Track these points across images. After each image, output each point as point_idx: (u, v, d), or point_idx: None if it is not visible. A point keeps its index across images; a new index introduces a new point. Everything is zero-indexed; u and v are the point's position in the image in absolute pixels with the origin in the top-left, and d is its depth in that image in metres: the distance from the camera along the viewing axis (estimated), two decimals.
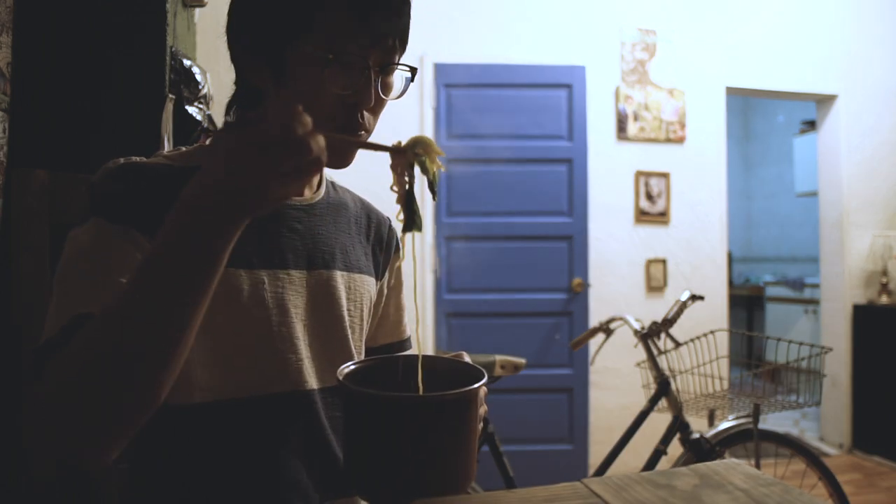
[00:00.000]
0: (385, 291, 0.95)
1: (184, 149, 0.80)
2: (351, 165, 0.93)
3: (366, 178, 1.56)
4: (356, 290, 0.85)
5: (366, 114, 0.74)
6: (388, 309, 0.96)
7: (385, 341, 0.95)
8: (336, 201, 0.88)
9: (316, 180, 0.87)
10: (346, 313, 0.83)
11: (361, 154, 0.92)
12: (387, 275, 0.95)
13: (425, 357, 0.74)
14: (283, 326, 0.76)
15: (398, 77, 0.77)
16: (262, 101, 0.77)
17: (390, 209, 0.82)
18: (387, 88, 0.76)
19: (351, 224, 0.89)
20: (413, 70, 0.77)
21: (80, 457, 0.57)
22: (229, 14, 0.76)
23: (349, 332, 0.83)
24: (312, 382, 0.78)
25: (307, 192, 0.84)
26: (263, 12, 0.72)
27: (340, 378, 0.63)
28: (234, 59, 0.77)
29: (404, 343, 0.97)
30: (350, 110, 0.73)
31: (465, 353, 0.77)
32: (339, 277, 0.83)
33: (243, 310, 0.73)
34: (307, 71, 0.71)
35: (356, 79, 0.71)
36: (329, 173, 0.91)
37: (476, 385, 0.60)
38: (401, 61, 0.76)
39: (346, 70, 0.71)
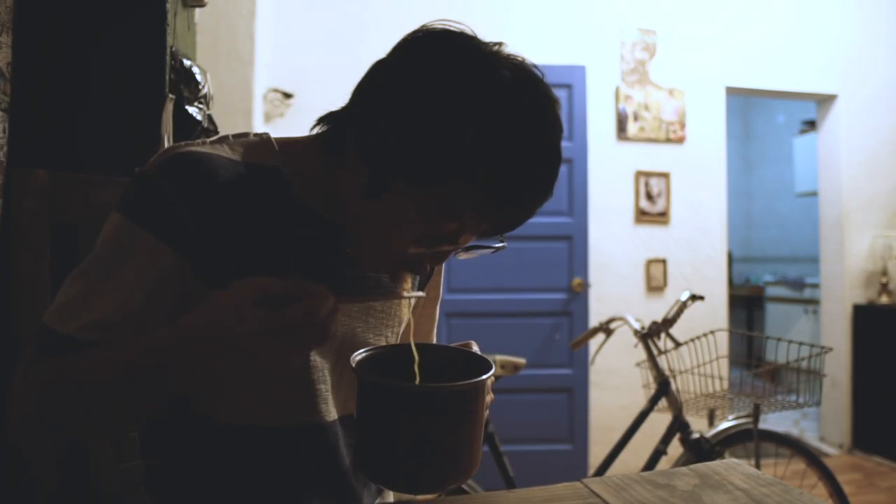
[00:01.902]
0: (422, 301, 0.91)
1: (252, 137, 0.73)
2: None
3: None
4: (395, 314, 0.82)
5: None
6: (419, 319, 0.92)
7: None
8: None
9: None
10: (378, 339, 0.80)
11: None
12: (428, 284, 0.91)
13: (434, 346, 0.75)
14: (319, 355, 0.74)
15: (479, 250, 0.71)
16: (346, 164, 0.67)
17: None
18: (460, 252, 0.69)
19: None
20: (497, 249, 0.70)
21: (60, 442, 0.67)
22: (384, 91, 0.63)
23: None
24: (335, 412, 0.76)
25: None
26: (419, 137, 0.60)
27: (353, 364, 0.64)
28: (354, 112, 0.66)
29: None
30: (414, 260, 0.67)
31: (473, 343, 0.76)
32: (380, 305, 0.79)
33: None
34: (399, 207, 0.62)
35: (438, 244, 0.65)
36: None
37: (484, 377, 0.62)
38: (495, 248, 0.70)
39: (435, 231, 0.63)
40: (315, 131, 0.72)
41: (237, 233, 0.66)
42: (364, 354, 0.67)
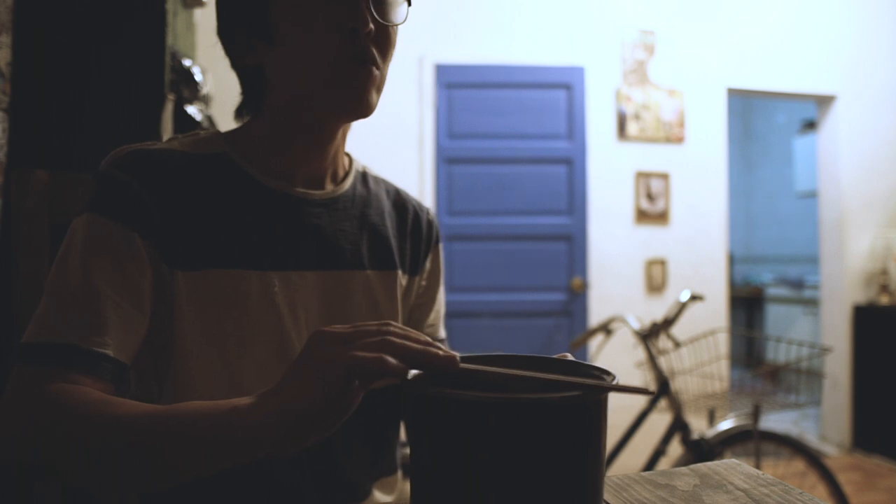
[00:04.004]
0: (421, 287, 0.88)
1: (201, 133, 0.76)
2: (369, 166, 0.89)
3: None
4: (382, 288, 0.80)
5: (371, 46, 0.68)
6: (423, 307, 0.89)
7: None
8: (364, 193, 0.82)
9: (340, 172, 0.81)
10: (363, 317, 0.77)
11: (364, 162, 0.91)
12: (427, 267, 0.88)
13: (517, 357, 0.51)
14: (296, 332, 0.72)
15: (396, 5, 0.71)
16: (265, 86, 0.73)
17: None
18: (384, 13, 0.69)
19: (384, 217, 0.83)
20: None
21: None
22: (216, 8, 0.74)
23: None
24: None
25: (329, 185, 0.79)
26: None
27: (407, 378, 0.47)
28: (227, 49, 0.74)
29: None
30: (350, 40, 0.67)
31: (568, 354, 0.56)
32: (360, 277, 0.77)
33: (253, 315, 0.69)
34: (291, 14, 0.67)
35: (343, 3, 0.67)
36: (359, 161, 0.86)
37: (609, 384, 0.43)
38: None
39: (346, 14, 0.66)
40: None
41: (195, 216, 0.68)
42: (415, 373, 0.48)
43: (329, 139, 0.75)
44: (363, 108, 0.70)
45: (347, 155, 0.83)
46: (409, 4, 0.72)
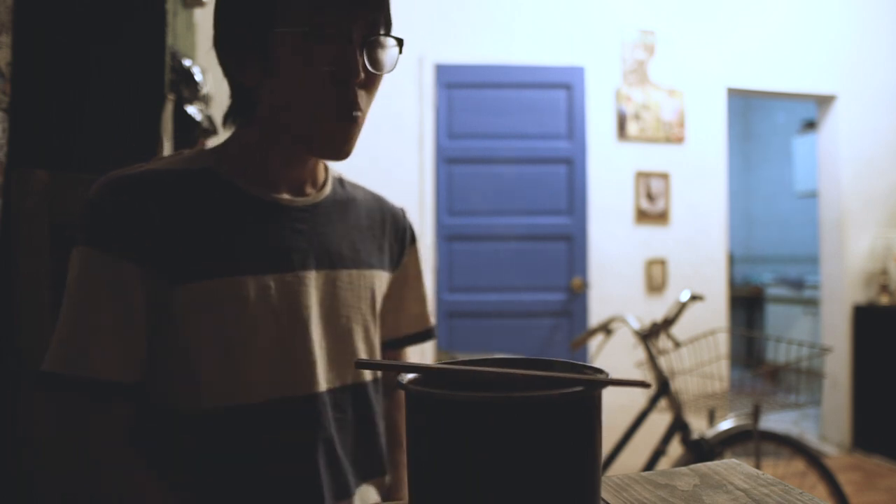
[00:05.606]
0: (403, 282, 0.94)
1: (186, 152, 0.79)
2: (354, 173, 0.93)
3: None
4: (365, 286, 0.84)
5: (359, 92, 0.72)
6: (408, 300, 0.95)
7: (408, 332, 0.95)
8: (343, 198, 0.87)
9: (320, 179, 0.85)
10: (351, 312, 0.82)
11: (364, 162, 0.92)
12: (406, 263, 0.94)
13: (511, 360, 0.52)
14: (295, 329, 0.75)
15: (387, 54, 0.75)
16: (257, 100, 0.76)
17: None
18: (376, 63, 0.73)
19: (361, 219, 0.88)
20: (400, 42, 0.74)
21: None
22: (214, 22, 0.76)
23: (354, 330, 0.82)
24: (323, 384, 0.77)
25: (310, 192, 0.83)
26: (241, 2, 0.73)
27: (403, 382, 0.46)
28: (223, 63, 0.76)
29: (428, 332, 0.97)
30: (341, 88, 0.71)
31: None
32: (346, 276, 0.82)
33: (253, 318, 0.72)
34: (291, 52, 0.70)
35: (340, 52, 0.70)
36: (338, 169, 0.90)
37: (599, 380, 0.45)
38: (388, 34, 0.74)
39: (329, 44, 0.70)
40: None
41: (188, 230, 0.71)
42: (412, 375, 0.48)
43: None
44: (341, 157, 0.75)
45: (323, 163, 0.87)
46: (401, 52, 0.75)
